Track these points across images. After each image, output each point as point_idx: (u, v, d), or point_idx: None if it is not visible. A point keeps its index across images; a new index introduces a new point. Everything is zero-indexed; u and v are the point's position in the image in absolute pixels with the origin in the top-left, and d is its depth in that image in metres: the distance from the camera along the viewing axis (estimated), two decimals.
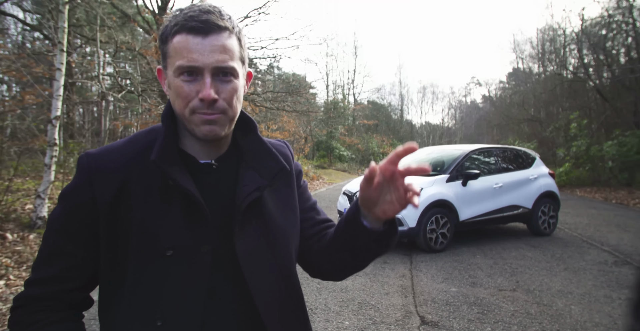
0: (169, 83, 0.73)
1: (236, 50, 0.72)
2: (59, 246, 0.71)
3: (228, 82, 0.71)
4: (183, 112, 0.71)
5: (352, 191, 6.01)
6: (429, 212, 5.43)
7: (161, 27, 0.74)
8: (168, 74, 0.72)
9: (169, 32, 0.70)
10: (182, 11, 0.71)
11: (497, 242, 6.09)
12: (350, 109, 35.55)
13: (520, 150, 6.90)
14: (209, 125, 0.70)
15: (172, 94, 0.72)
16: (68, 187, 0.73)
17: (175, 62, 0.69)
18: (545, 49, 29.63)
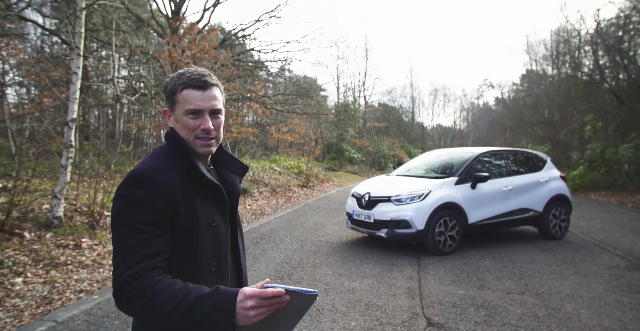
0: (176, 119, 1.14)
1: (221, 98, 1.16)
2: (152, 234, 0.99)
3: (217, 118, 1.15)
4: (189, 138, 1.13)
5: (361, 193, 6.04)
6: (437, 215, 5.43)
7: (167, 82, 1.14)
8: (176, 113, 1.13)
9: (177, 87, 1.11)
10: (184, 74, 1.12)
11: (507, 245, 6.04)
12: (361, 112, 35.54)
13: (530, 153, 6.84)
14: (207, 147, 1.14)
15: (179, 126, 1.13)
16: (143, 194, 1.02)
17: (185, 106, 1.10)
18: (559, 50, 29.24)
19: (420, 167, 6.79)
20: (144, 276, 0.94)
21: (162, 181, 1.04)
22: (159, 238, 1.01)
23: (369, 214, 5.72)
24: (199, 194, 1.11)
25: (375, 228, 5.64)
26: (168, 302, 0.91)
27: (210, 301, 0.91)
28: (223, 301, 0.90)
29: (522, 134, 31.12)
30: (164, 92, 1.17)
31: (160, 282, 0.94)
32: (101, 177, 6.98)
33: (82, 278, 4.17)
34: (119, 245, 0.98)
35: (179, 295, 0.92)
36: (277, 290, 0.90)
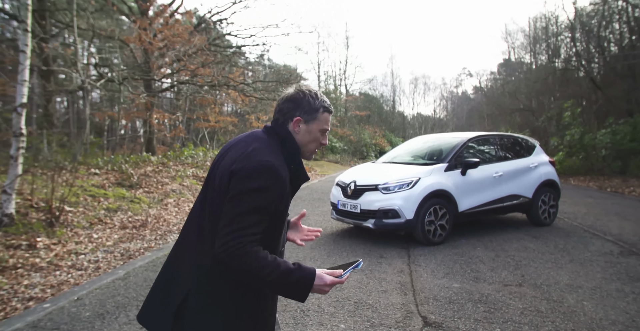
0: (308, 131, 1.36)
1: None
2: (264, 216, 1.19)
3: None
4: (312, 149, 1.39)
5: (346, 182, 5.69)
6: (427, 203, 5.15)
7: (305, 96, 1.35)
8: (312, 127, 1.36)
9: (320, 107, 1.36)
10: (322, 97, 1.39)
11: (497, 232, 5.84)
12: (342, 100, 35.13)
13: (520, 137, 6.64)
14: (312, 156, 1.44)
15: (308, 137, 1.36)
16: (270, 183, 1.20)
17: (323, 126, 1.37)
18: (538, 37, 29.46)
19: (408, 154, 6.48)
20: (250, 245, 1.15)
21: (284, 177, 1.24)
22: (265, 221, 1.21)
23: (355, 204, 5.39)
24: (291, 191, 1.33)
25: (362, 218, 5.32)
26: (265, 268, 1.14)
27: (295, 275, 1.16)
28: (305, 278, 1.17)
29: (501, 122, 31.46)
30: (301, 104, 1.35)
31: (260, 252, 1.17)
32: (63, 169, 6.39)
33: (33, 283, 3.68)
34: (237, 217, 1.16)
35: (272, 264, 1.15)
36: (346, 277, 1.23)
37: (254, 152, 1.24)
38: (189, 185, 9.39)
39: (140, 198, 7.31)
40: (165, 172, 9.49)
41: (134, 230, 5.75)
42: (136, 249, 4.97)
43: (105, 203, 6.49)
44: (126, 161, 9.24)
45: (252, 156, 1.22)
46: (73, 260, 4.40)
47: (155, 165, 9.61)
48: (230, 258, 1.14)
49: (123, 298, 3.39)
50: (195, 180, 9.93)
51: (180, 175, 9.77)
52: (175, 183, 9.10)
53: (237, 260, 1.14)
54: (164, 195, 8.04)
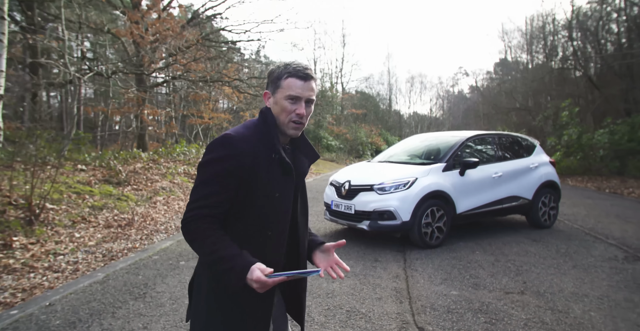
0: (275, 101, 1.31)
1: (316, 90, 1.34)
2: (218, 188, 1.20)
3: (309, 107, 1.33)
4: (284, 120, 1.30)
5: (340, 181, 5.48)
6: (424, 204, 4.94)
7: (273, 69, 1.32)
8: (277, 96, 1.30)
9: (283, 74, 1.29)
10: (291, 64, 1.29)
11: (496, 235, 5.65)
12: (339, 98, 34.89)
13: (520, 137, 6.45)
14: (296, 130, 1.32)
15: (277, 108, 1.31)
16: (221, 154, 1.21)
17: (287, 92, 1.28)
18: (534, 37, 29.34)
19: (404, 153, 6.27)
20: (201, 220, 1.18)
21: (240, 147, 1.21)
22: (221, 194, 1.20)
23: (349, 204, 5.17)
24: (271, 168, 1.26)
25: (356, 220, 5.11)
26: (206, 248, 1.16)
27: (228, 265, 1.13)
28: (237, 271, 1.13)
29: (497, 121, 31.37)
30: (269, 77, 1.33)
31: (207, 230, 1.17)
32: (47, 164, 6.12)
33: (4, 286, 3.43)
34: (194, 189, 1.22)
35: (213, 247, 1.15)
36: (279, 279, 1.12)
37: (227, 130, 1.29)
38: (180, 182, 9.14)
39: (128, 195, 7.05)
40: (156, 169, 9.23)
41: (119, 229, 5.50)
42: (119, 250, 4.72)
43: (90, 201, 6.23)
44: (115, 157, 8.97)
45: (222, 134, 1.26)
46: (50, 261, 4.15)
47: (145, 162, 9.35)
48: (184, 232, 1.19)
49: (99, 304, 3.16)
50: (186, 178, 9.68)
51: (171, 172, 9.51)
52: (165, 180, 8.84)
53: (185, 234, 1.19)
54: (153, 192, 7.79)
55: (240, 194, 1.22)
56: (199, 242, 1.16)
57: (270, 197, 1.25)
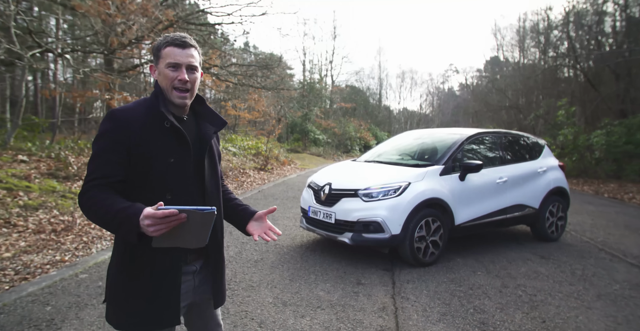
0: (159, 72, 1.35)
1: (198, 58, 1.39)
2: (109, 158, 1.25)
3: (193, 74, 1.36)
4: (168, 88, 1.35)
5: (320, 184, 4.63)
6: (417, 214, 4.14)
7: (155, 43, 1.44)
8: (159, 67, 1.35)
9: (162, 44, 1.34)
10: (169, 35, 1.35)
11: (497, 250, 4.90)
12: (328, 91, 33.94)
13: (526, 136, 5.68)
14: (182, 99, 1.36)
15: (161, 78, 1.35)
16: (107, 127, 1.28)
17: (167, 60, 1.33)
18: (527, 33, 28.83)
19: (395, 152, 5.45)
20: (94, 189, 1.21)
21: (123, 117, 1.28)
22: (113, 163, 1.24)
23: (329, 212, 4.34)
24: (162, 135, 1.31)
25: (337, 231, 4.27)
26: (100, 210, 1.17)
27: (122, 214, 1.12)
28: (129, 217, 1.11)
29: (487, 119, 30.90)
30: (152, 51, 1.39)
31: (101, 195, 1.19)
32: None
33: None
34: (89, 164, 1.27)
35: (108, 207, 1.16)
36: (169, 211, 1.05)
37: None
38: None
39: (77, 192, 6.08)
40: None
41: (52, 236, 4.56)
42: (41, 264, 3.80)
43: (24, 199, 5.26)
44: (70, 147, 7.93)
45: None
46: None
47: None
48: (80, 207, 1.22)
49: None
50: None
51: None
52: None
53: (81, 207, 1.22)
54: None
55: (133, 161, 1.27)
56: (94, 208, 1.18)
57: (164, 163, 1.30)
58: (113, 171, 1.23)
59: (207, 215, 1.08)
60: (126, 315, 1.29)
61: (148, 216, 1.06)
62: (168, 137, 1.31)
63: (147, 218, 1.06)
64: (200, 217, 1.08)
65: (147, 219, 1.06)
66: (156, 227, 1.06)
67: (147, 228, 1.07)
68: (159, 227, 1.07)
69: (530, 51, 28.67)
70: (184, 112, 1.41)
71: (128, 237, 1.13)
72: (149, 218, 1.06)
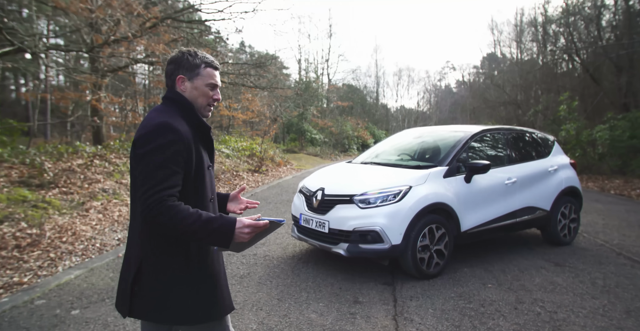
0: (195, 87, 1.47)
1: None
2: (173, 169, 1.32)
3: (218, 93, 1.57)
4: (203, 103, 1.50)
5: (312, 189, 4.21)
6: (420, 221, 3.72)
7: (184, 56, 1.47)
8: (197, 83, 1.47)
9: (201, 64, 1.47)
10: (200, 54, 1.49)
11: (506, 256, 4.50)
12: (324, 89, 33.50)
13: (534, 132, 5.27)
14: (210, 112, 1.54)
15: (196, 93, 1.48)
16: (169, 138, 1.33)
17: (208, 80, 1.48)
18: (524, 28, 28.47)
19: (394, 152, 5.04)
20: (168, 200, 1.27)
21: (182, 130, 1.36)
22: (177, 174, 1.33)
23: (322, 221, 3.92)
24: (202, 144, 1.48)
25: (331, 241, 3.86)
26: (187, 219, 1.25)
27: (217, 222, 1.27)
28: (224, 225, 1.27)
29: (485, 116, 30.51)
30: (177, 63, 1.46)
31: (180, 205, 1.28)
32: None
33: None
34: (151, 174, 1.29)
35: (194, 215, 1.27)
36: (266, 222, 1.30)
37: (148, 119, 1.39)
38: (129, 182, 7.72)
39: (51, 201, 5.64)
40: (101, 167, 7.79)
41: (15, 252, 4.13)
42: None
43: None
44: (49, 152, 7.49)
45: (147, 122, 1.37)
46: None
47: (88, 158, 7.89)
48: (153, 215, 1.25)
49: None
50: None
51: (120, 170, 8.08)
52: (111, 180, 7.43)
53: (159, 215, 1.25)
54: (90, 196, 6.39)
55: (187, 171, 1.38)
56: (178, 216, 1.25)
57: (206, 170, 1.47)
58: (177, 181, 1.33)
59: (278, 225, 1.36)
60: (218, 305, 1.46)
61: (250, 225, 1.28)
62: (205, 146, 1.49)
63: (247, 227, 1.27)
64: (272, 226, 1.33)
65: (248, 228, 1.27)
66: (251, 234, 1.29)
67: (244, 235, 1.28)
68: (250, 234, 1.29)
69: (528, 46, 28.32)
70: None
71: (219, 243, 1.29)
72: (250, 227, 1.28)
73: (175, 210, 1.25)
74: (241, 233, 1.27)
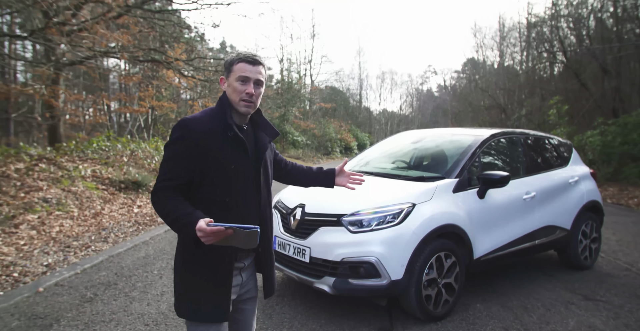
0: (229, 84, 1.52)
1: (264, 74, 1.55)
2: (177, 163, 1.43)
3: (258, 89, 1.53)
4: (236, 100, 1.50)
5: (289, 206, 3.35)
6: (426, 249, 2.92)
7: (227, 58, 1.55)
8: (230, 80, 1.51)
9: (235, 60, 1.50)
10: (242, 52, 1.52)
11: (522, 285, 3.75)
12: (307, 90, 32.69)
13: (551, 137, 4.56)
14: (247, 108, 1.52)
15: (230, 90, 1.51)
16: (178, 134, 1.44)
17: (237, 74, 1.48)
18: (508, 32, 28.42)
19: (389, 159, 4.24)
20: (163, 190, 1.40)
21: (193, 127, 1.44)
22: (181, 167, 1.42)
23: (301, 247, 3.06)
24: (226, 144, 1.47)
25: (313, 274, 3.00)
26: (166, 210, 1.37)
27: (182, 221, 1.31)
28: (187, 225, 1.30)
29: (468, 120, 30.30)
30: (224, 65, 1.56)
31: (165, 198, 1.38)
32: None
33: None
34: (160, 167, 1.46)
35: (170, 210, 1.35)
36: (217, 228, 1.23)
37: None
38: (81, 190, 6.68)
39: None
40: (46, 172, 6.72)
41: None
42: None
43: None
44: None
45: None
46: None
47: (30, 162, 6.80)
48: (151, 201, 1.43)
49: None
50: (94, 183, 7.21)
51: (71, 175, 7.02)
52: (57, 187, 6.37)
53: (153, 204, 1.41)
54: (24, 208, 5.35)
55: (198, 166, 1.43)
56: (162, 208, 1.37)
57: (226, 169, 1.46)
58: (180, 174, 1.41)
59: (251, 233, 1.25)
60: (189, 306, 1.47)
61: (199, 229, 1.25)
62: (231, 145, 1.49)
63: (199, 231, 1.25)
64: (245, 234, 1.25)
65: (199, 231, 1.25)
66: (206, 238, 1.25)
67: (198, 234, 1.26)
68: (208, 238, 1.25)
69: (512, 50, 28.26)
70: (244, 121, 1.59)
71: (186, 241, 1.39)
72: (200, 231, 1.25)
73: (160, 202, 1.38)
74: (200, 236, 1.26)
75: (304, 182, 1.94)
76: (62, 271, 3.87)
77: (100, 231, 5.41)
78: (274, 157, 1.81)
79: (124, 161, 8.99)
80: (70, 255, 4.40)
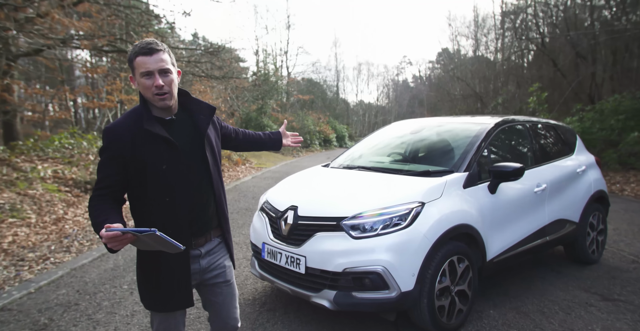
0: (137, 82, 1.45)
1: (168, 59, 1.46)
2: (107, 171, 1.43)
3: (167, 76, 1.45)
4: (150, 96, 1.44)
5: (280, 208, 2.90)
6: (438, 254, 2.55)
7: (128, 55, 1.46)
8: (136, 78, 1.45)
9: (132, 55, 1.43)
10: (137, 45, 1.44)
11: (532, 285, 3.47)
12: (284, 82, 31.95)
13: (556, 124, 4.26)
14: (163, 101, 1.46)
15: (141, 88, 1.45)
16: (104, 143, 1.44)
17: (140, 70, 1.42)
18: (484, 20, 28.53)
19: (386, 151, 3.84)
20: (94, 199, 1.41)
21: (115, 134, 1.42)
22: (111, 175, 1.42)
23: (295, 256, 2.64)
24: (152, 143, 1.43)
25: (310, 287, 2.59)
26: (91, 219, 1.37)
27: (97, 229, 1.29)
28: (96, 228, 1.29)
29: (445, 109, 30.40)
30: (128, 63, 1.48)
31: (95, 206, 1.39)
32: None
33: None
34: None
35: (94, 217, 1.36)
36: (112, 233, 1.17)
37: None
38: (40, 193, 6.00)
39: None
40: None
41: None
42: None
43: None
44: None
45: None
46: None
47: None
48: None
49: None
50: (56, 185, 6.52)
51: (28, 177, 6.31)
52: (10, 191, 5.69)
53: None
54: None
55: (130, 171, 1.42)
56: (90, 217, 1.37)
57: (158, 170, 1.43)
58: (110, 183, 1.42)
59: (149, 236, 1.16)
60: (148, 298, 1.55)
61: (101, 235, 1.20)
62: (158, 145, 1.45)
63: (101, 237, 1.20)
64: (146, 237, 1.17)
65: (102, 238, 1.20)
66: (111, 244, 1.20)
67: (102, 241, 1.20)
68: (113, 244, 1.20)
69: (488, 39, 28.40)
70: (172, 112, 1.54)
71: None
72: (102, 237, 1.20)
73: (89, 211, 1.40)
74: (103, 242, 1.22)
75: (256, 147, 2.10)
76: (11, 291, 3.31)
77: (61, 239, 4.81)
78: (221, 131, 1.80)
79: (90, 160, 8.26)
80: (24, 270, 3.82)
